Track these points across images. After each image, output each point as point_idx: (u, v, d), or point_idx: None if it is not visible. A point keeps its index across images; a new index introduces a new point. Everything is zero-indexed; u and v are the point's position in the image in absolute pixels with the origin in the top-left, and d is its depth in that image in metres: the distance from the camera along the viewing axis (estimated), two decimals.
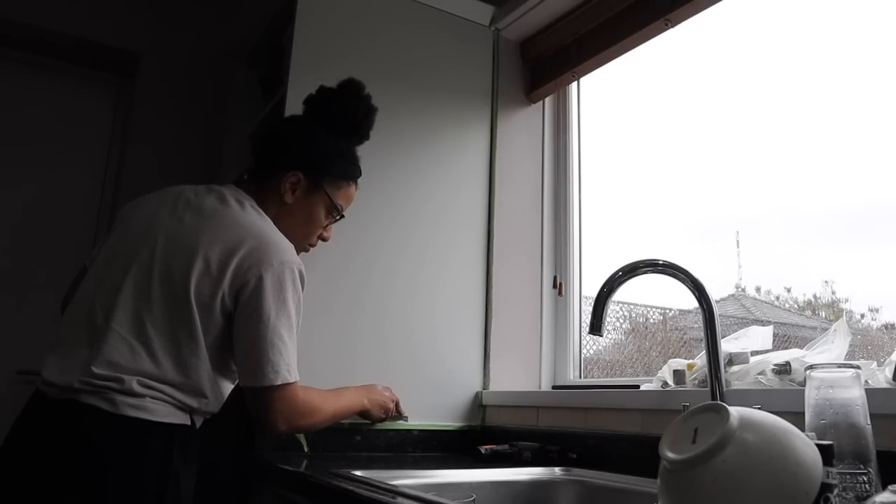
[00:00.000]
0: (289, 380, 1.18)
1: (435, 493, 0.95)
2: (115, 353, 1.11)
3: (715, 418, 0.71)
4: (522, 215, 1.97)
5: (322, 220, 1.39)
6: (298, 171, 1.33)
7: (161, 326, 1.14)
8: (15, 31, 2.36)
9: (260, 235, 1.21)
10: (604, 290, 1.16)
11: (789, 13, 1.58)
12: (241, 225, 1.22)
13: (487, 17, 2.02)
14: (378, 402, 1.52)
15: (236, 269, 1.16)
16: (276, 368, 1.17)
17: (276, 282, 1.18)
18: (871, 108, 1.38)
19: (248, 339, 1.17)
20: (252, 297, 1.17)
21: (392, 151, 1.79)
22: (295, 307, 1.21)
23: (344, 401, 1.42)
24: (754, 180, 1.61)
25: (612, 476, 1.24)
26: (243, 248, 1.18)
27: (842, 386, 0.83)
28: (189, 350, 1.15)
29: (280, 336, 1.17)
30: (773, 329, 1.34)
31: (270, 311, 1.17)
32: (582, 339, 1.90)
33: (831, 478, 0.68)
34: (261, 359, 1.16)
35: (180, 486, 1.13)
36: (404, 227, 1.77)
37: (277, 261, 1.19)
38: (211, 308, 1.16)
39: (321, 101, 1.40)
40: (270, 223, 1.27)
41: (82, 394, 1.08)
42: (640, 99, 1.96)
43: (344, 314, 1.65)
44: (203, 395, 1.18)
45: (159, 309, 1.15)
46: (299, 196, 1.34)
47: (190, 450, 1.18)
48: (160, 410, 1.12)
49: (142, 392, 1.10)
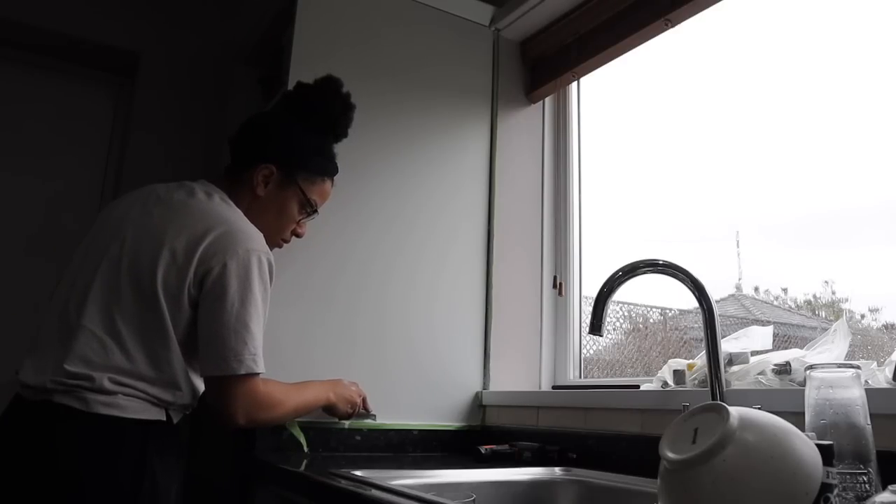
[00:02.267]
0: (253, 370, 1.16)
1: (435, 493, 0.95)
2: (87, 349, 1.11)
3: (715, 418, 0.71)
4: (522, 215, 1.97)
5: (295, 215, 1.38)
6: (271, 164, 1.33)
7: (131, 320, 1.14)
8: (15, 32, 2.36)
9: (226, 223, 1.21)
10: (604, 290, 1.16)
11: (789, 13, 1.58)
12: (206, 214, 1.22)
13: (487, 17, 2.02)
14: (344, 397, 1.48)
15: (201, 256, 1.16)
16: (239, 358, 1.14)
17: (241, 269, 1.17)
18: (873, 109, 1.38)
19: (210, 326, 1.16)
20: (215, 284, 1.15)
21: (392, 151, 1.79)
22: (262, 296, 1.19)
23: (308, 395, 1.39)
24: (755, 180, 1.61)
25: (612, 476, 1.24)
26: (209, 236, 1.17)
27: (842, 386, 0.83)
28: (160, 343, 1.15)
29: (244, 325, 1.15)
30: (773, 329, 1.34)
31: (234, 299, 1.15)
32: (582, 339, 1.90)
33: (831, 478, 0.68)
34: (223, 348, 1.14)
35: (157, 482, 1.12)
36: (404, 227, 1.77)
37: (243, 248, 1.18)
38: (179, 298, 1.15)
39: (298, 96, 1.41)
40: (239, 213, 1.27)
41: (55, 394, 1.08)
42: (639, 99, 1.96)
43: (344, 314, 1.65)
44: (177, 387, 1.17)
45: (128, 303, 1.15)
46: (272, 189, 1.34)
47: (168, 445, 1.17)
48: (133, 407, 1.11)
49: (113, 389, 1.10)
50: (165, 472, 1.15)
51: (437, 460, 1.52)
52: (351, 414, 1.51)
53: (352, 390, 1.51)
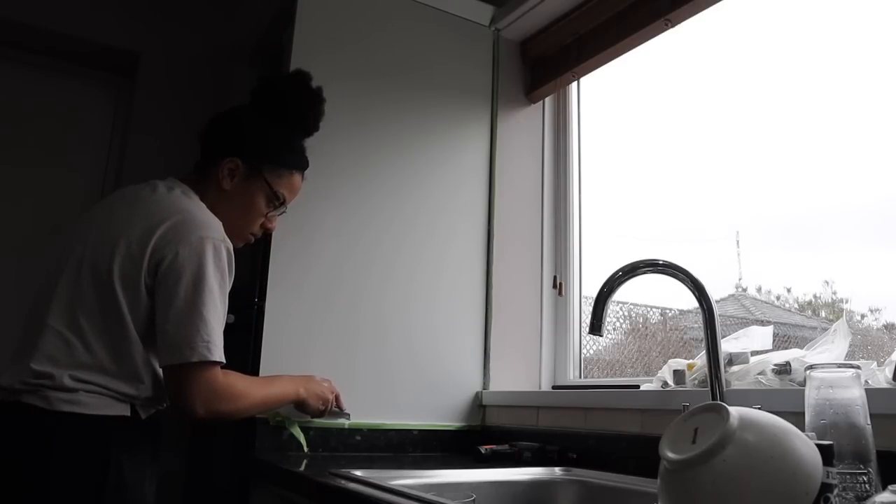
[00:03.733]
0: (207, 358, 1.13)
1: (435, 493, 0.95)
2: (52, 347, 1.12)
3: (715, 418, 0.71)
4: (522, 215, 1.97)
5: (262, 209, 1.37)
6: (236, 158, 1.33)
7: (92, 315, 1.15)
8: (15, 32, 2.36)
9: (181, 213, 1.21)
10: (604, 290, 1.16)
11: (789, 14, 1.58)
12: (163, 205, 1.23)
13: (487, 17, 2.02)
14: (315, 393, 1.44)
15: (155, 245, 1.16)
16: (191, 345, 1.13)
17: (193, 256, 1.16)
18: (872, 108, 1.38)
19: (163, 315, 1.15)
20: (168, 272, 1.15)
21: (391, 151, 1.79)
22: (218, 284, 1.18)
23: (275, 388, 1.36)
24: (754, 180, 1.61)
25: (612, 476, 1.24)
26: (163, 225, 1.18)
27: (842, 386, 0.83)
28: (119, 335, 1.15)
29: (197, 312, 1.14)
30: (773, 329, 1.34)
31: (187, 287, 1.14)
32: (582, 339, 1.90)
33: (831, 478, 0.68)
34: (176, 335, 1.13)
35: (125, 477, 1.11)
36: (404, 227, 1.77)
37: (196, 236, 1.17)
38: (136, 289, 1.15)
39: (263, 90, 1.41)
40: (198, 204, 1.27)
41: (24, 394, 1.10)
42: (639, 99, 1.96)
43: (343, 314, 1.65)
44: (139, 379, 1.16)
45: (89, 297, 1.16)
46: (237, 182, 1.33)
47: (137, 441, 1.16)
48: (95, 403, 1.11)
49: (74, 386, 1.10)
50: (135, 468, 1.14)
51: (437, 460, 1.52)
52: (323, 411, 1.47)
53: (324, 386, 1.47)
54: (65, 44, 2.43)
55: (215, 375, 1.17)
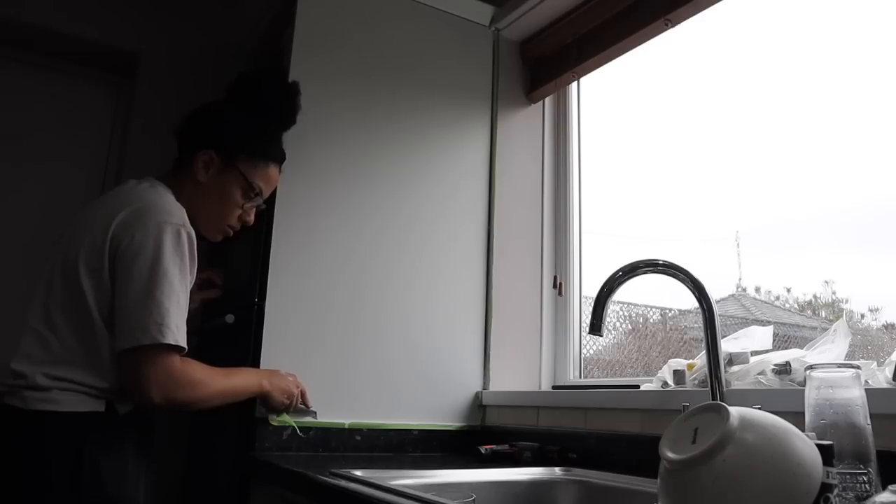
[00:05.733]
0: (159, 340, 1.12)
1: (435, 493, 0.95)
2: (29, 346, 1.15)
3: (715, 418, 0.71)
4: (522, 215, 1.97)
5: (238, 200, 1.38)
6: (210, 150, 1.34)
7: (64, 309, 1.17)
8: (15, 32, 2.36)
9: (142, 200, 1.23)
10: (604, 290, 1.16)
11: (789, 14, 1.58)
12: (127, 196, 1.25)
13: (487, 17, 2.02)
14: (280, 387, 1.40)
15: (114, 231, 1.17)
16: (145, 329, 1.12)
17: (151, 240, 1.16)
18: (872, 108, 1.38)
19: (120, 300, 1.15)
20: (123, 257, 1.16)
21: (391, 150, 1.79)
22: (177, 268, 1.17)
23: (237, 380, 1.33)
24: (755, 180, 1.61)
25: (612, 476, 1.24)
26: (123, 212, 1.19)
27: (842, 386, 0.83)
28: (87, 326, 1.16)
29: (151, 296, 1.13)
30: (773, 329, 1.33)
31: (143, 270, 1.15)
32: (582, 339, 1.90)
33: (831, 478, 0.68)
34: (130, 319, 1.13)
35: (101, 473, 1.12)
36: (404, 226, 1.77)
37: (154, 221, 1.18)
38: (100, 278, 1.17)
39: (239, 84, 1.43)
40: (161, 193, 1.27)
41: (5, 396, 1.13)
42: (640, 99, 1.96)
43: (344, 314, 1.65)
44: (108, 370, 1.17)
45: (60, 292, 1.18)
46: (213, 175, 1.35)
47: (115, 437, 1.16)
48: (68, 401, 1.12)
49: (48, 385, 1.12)
50: (113, 464, 1.14)
51: (437, 460, 1.52)
52: (288, 406, 1.43)
53: (289, 380, 1.44)
54: (65, 44, 2.43)
55: (171, 361, 1.15)
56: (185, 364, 1.19)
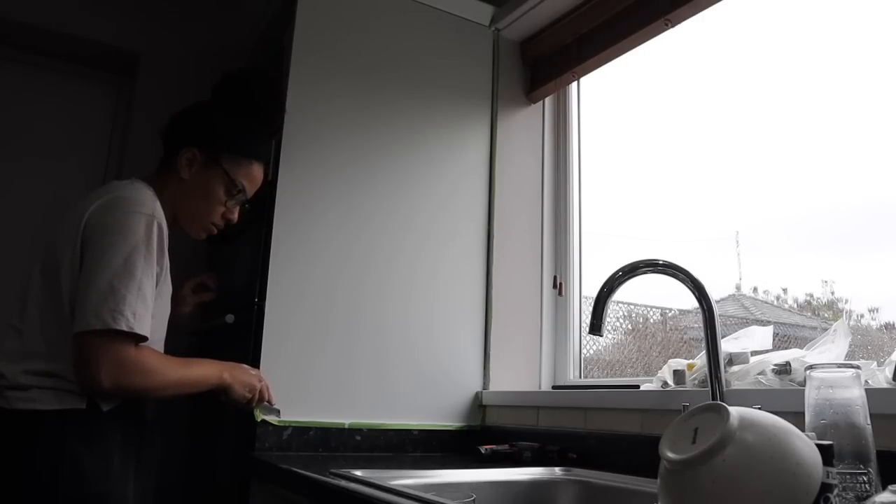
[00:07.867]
0: (112, 326, 1.10)
1: (435, 493, 0.95)
2: (9, 342, 1.17)
3: (715, 418, 0.71)
4: (522, 215, 1.97)
5: (221, 197, 1.38)
6: (193, 147, 1.35)
7: (38, 303, 1.19)
8: (15, 32, 2.36)
9: (114, 192, 1.24)
10: (604, 290, 1.16)
11: (789, 14, 1.58)
12: (103, 189, 1.27)
13: (487, 16, 2.02)
14: (241, 381, 1.34)
15: (86, 221, 1.19)
16: (98, 313, 1.11)
17: (117, 227, 1.17)
18: (872, 109, 1.38)
19: (81, 286, 1.15)
20: (89, 243, 1.17)
21: (391, 150, 1.79)
22: (143, 257, 1.16)
23: (194, 370, 1.28)
24: (755, 180, 1.61)
25: (612, 476, 1.24)
26: (95, 203, 1.21)
27: (842, 386, 0.83)
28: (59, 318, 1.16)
29: (107, 282, 1.13)
30: (773, 329, 1.33)
31: (106, 257, 1.15)
32: (582, 338, 1.90)
33: (831, 478, 0.68)
34: (85, 305, 1.12)
35: (84, 469, 1.11)
36: (404, 226, 1.77)
37: (123, 210, 1.19)
38: (72, 269, 1.18)
39: (223, 83, 1.44)
40: (136, 187, 1.27)
41: None
42: (640, 99, 1.96)
43: (344, 313, 1.65)
44: None
45: (37, 287, 1.20)
46: (196, 172, 1.35)
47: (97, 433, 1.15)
48: (48, 399, 1.13)
49: (28, 383, 1.13)
50: (96, 460, 1.13)
51: (437, 460, 1.52)
52: (250, 401, 1.36)
53: (251, 374, 1.38)
54: (65, 44, 2.43)
55: (125, 347, 1.14)
56: (140, 352, 1.16)
